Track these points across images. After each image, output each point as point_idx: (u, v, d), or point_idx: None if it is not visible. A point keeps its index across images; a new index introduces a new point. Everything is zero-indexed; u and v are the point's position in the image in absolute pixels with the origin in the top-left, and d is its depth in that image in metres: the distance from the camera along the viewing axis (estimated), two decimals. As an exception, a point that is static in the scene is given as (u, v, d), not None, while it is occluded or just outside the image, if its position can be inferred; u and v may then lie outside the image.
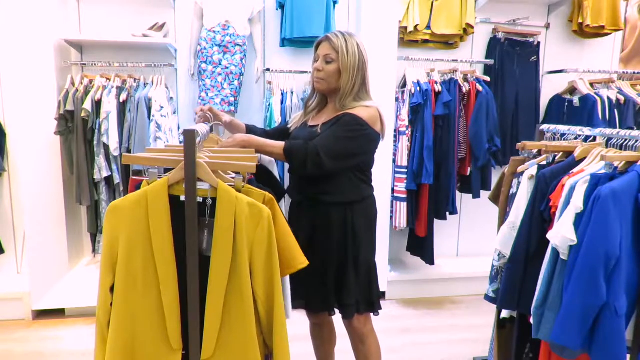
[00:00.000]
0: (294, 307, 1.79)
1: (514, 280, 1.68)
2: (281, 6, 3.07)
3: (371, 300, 1.75)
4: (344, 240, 1.68)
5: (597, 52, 3.61)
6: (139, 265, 1.21)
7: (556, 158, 1.80)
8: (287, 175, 2.99)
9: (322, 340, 1.98)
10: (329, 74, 1.66)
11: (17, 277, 3.02)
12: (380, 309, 1.78)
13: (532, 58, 3.41)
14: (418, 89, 2.95)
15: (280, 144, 1.58)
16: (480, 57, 3.46)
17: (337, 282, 1.70)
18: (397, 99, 3.07)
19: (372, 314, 1.79)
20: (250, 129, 1.83)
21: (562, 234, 1.44)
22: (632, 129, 2.18)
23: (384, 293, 3.16)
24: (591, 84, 3.26)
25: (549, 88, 3.53)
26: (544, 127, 2.05)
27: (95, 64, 2.98)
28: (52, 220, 2.89)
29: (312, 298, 1.74)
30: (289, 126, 1.85)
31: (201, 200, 1.22)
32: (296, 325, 1.96)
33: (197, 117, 1.73)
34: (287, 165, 2.90)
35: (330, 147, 1.56)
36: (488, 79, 3.17)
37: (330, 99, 1.75)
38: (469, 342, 2.61)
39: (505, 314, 1.87)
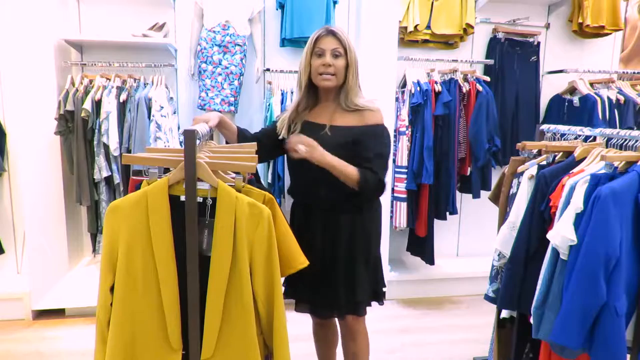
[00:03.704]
0: (299, 311, 1.79)
1: (514, 280, 1.68)
2: (281, 6, 3.07)
3: (377, 291, 1.75)
4: (353, 240, 1.66)
5: (597, 52, 3.60)
6: (139, 265, 1.21)
7: (556, 158, 1.80)
8: (287, 176, 3.00)
9: (325, 340, 1.98)
10: (339, 69, 1.61)
11: (17, 277, 3.02)
12: (385, 298, 1.78)
13: (532, 58, 3.41)
14: (418, 89, 2.95)
15: (355, 171, 1.55)
16: (480, 57, 3.46)
17: (348, 281, 1.67)
18: (397, 99, 3.07)
19: (377, 304, 1.79)
20: (242, 132, 1.77)
21: (562, 234, 1.44)
22: (632, 129, 2.18)
23: (383, 293, 3.16)
24: (591, 84, 3.26)
25: (549, 88, 3.53)
26: (544, 127, 2.05)
27: (95, 64, 2.98)
28: (52, 220, 2.89)
29: (320, 302, 1.72)
30: (277, 132, 1.75)
31: (201, 200, 1.22)
32: (297, 325, 1.96)
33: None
34: (287, 165, 2.92)
35: (385, 168, 1.63)
36: (488, 79, 3.17)
37: (327, 95, 1.69)
38: (469, 342, 2.61)
39: (505, 313, 1.87)
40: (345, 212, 1.65)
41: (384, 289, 1.81)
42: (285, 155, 1.77)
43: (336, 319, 1.85)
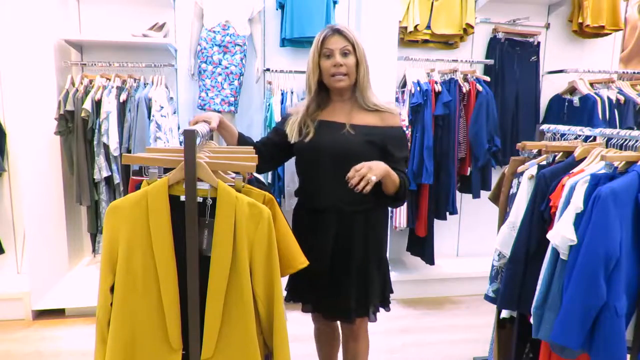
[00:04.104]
0: (305, 311, 1.78)
1: (514, 280, 1.68)
2: (281, 6, 3.07)
3: (385, 295, 1.74)
4: (366, 241, 1.64)
5: (597, 52, 3.60)
6: (139, 265, 1.20)
7: (556, 158, 1.80)
8: (287, 176, 2.99)
9: (328, 342, 1.96)
10: (351, 67, 1.59)
11: (17, 277, 3.02)
12: (390, 302, 1.77)
13: (532, 58, 3.41)
14: (418, 89, 2.95)
15: (397, 176, 1.57)
16: (480, 57, 3.46)
17: (361, 283, 1.65)
18: (397, 99, 3.07)
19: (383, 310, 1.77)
20: (243, 138, 1.73)
21: (562, 234, 1.44)
22: (632, 129, 2.18)
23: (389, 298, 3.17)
24: (591, 84, 3.26)
25: (549, 88, 3.53)
26: (544, 127, 2.05)
27: (95, 64, 2.98)
28: (52, 220, 2.89)
29: (330, 305, 1.69)
30: (288, 139, 1.69)
31: (201, 200, 1.22)
32: (297, 326, 1.96)
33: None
34: (287, 165, 2.92)
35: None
36: (488, 79, 3.17)
37: (341, 95, 1.66)
38: (469, 342, 2.61)
39: (505, 314, 1.87)
40: (360, 212, 1.63)
41: (390, 295, 1.78)
42: (295, 157, 1.74)
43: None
